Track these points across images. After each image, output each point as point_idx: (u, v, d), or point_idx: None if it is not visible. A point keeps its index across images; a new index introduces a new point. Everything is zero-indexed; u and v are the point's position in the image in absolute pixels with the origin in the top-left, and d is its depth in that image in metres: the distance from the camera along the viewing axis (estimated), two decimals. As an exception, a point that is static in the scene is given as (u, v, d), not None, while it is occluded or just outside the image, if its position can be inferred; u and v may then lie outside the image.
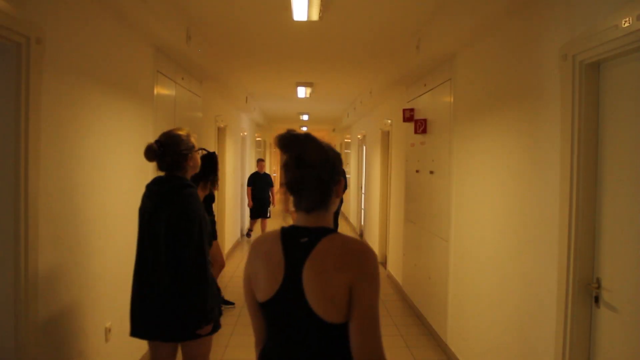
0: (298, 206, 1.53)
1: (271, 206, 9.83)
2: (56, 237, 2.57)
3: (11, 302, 2.23)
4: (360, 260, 1.42)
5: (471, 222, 3.81)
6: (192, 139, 2.71)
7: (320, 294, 1.41)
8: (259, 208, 9.58)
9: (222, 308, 5.42)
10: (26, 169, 2.25)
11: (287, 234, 1.52)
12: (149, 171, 4.04)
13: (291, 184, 1.51)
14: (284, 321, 1.49)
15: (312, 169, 1.48)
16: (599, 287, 2.28)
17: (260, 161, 10.03)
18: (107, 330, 3.23)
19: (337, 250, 1.44)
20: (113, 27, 3.30)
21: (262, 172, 9.83)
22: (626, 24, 1.99)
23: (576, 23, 2.39)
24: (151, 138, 4.03)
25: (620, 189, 2.18)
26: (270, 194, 9.77)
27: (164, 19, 3.77)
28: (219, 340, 4.65)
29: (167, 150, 2.55)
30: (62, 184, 2.64)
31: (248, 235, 10.11)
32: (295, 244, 1.48)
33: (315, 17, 3.99)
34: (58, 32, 2.55)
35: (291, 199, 1.54)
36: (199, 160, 2.86)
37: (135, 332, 2.60)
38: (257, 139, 13.33)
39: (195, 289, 2.48)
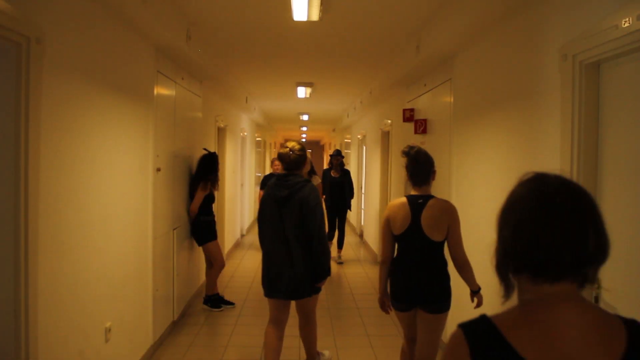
0: (415, 184, 3.02)
1: None
2: (56, 237, 2.57)
3: (11, 302, 2.23)
4: (451, 211, 2.98)
5: (471, 222, 3.80)
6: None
7: (430, 227, 2.93)
8: None
9: (222, 308, 5.43)
10: (26, 169, 2.25)
11: (410, 199, 3.00)
12: (149, 171, 4.04)
13: (412, 173, 3.00)
14: (410, 243, 2.98)
15: (421, 164, 3.00)
16: (599, 287, 2.28)
17: (276, 160, 9.09)
18: (107, 330, 3.23)
19: (438, 206, 2.97)
20: (113, 27, 3.30)
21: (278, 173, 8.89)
22: (626, 24, 1.99)
23: (576, 23, 2.39)
24: (151, 138, 4.04)
25: (620, 189, 2.18)
26: None
27: (164, 19, 3.77)
28: (219, 340, 4.65)
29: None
30: (62, 184, 2.64)
31: None
32: (415, 203, 2.97)
33: (315, 17, 3.99)
34: (58, 32, 2.55)
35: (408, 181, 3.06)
36: (309, 164, 3.91)
37: (272, 294, 3.64)
38: (257, 139, 13.33)
39: (322, 251, 3.49)
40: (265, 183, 8.26)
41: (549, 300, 0.98)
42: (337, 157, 8.41)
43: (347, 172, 8.50)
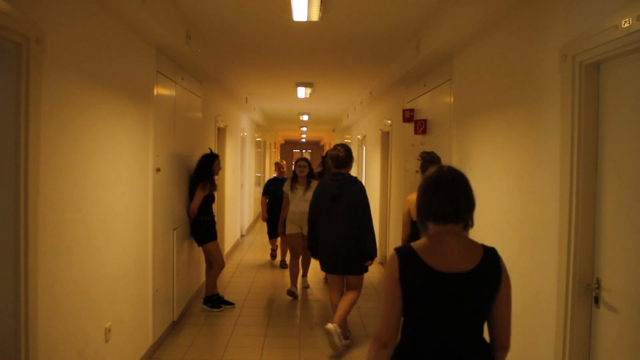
0: None
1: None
2: (56, 237, 2.57)
3: (11, 302, 2.23)
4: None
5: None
6: None
7: None
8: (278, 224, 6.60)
9: (222, 308, 5.43)
10: (26, 169, 2.25)
11: None
12: (149, 171, 4.04)
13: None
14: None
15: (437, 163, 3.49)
16: (599, 287, 2.28)
17: (279, 164, 7.87)
18: (107, 330, 3.23)
19: None
20: (113, 27, 3.30)
21: (282, 178, 7.47)
22: (626, 24, 1.99)
23: (576, 23, 2.39)
24: (151, 138, 4.04)
25: (620, 189, 2.18)
26: None
27: (164, 19, 3.77)
28: (218, 341, 4.65)
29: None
30: (62, 184, 2.64)
31: (273, 257, 8.17)
32: None
33: (315, 17, 3.99)
34: (58, 32, 2.55)
35: None
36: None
37: (330, 271, 4.40)
38: (257, 139, 13.33)
39: (370, 238, 4.22)
40: (269, 189, 7.44)
41: (441, 234, 1.77)
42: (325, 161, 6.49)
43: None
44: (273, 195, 7.31)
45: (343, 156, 4.31)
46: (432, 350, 1.72)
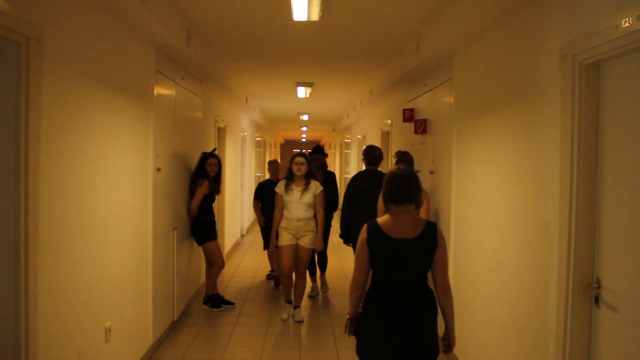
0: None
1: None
2: (56, 237, 2.57)
3: (11, 302, 2.23)
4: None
5: (471, 222, 3.81)
6: None
7: None
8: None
9: (222, 308, 5.43)
10: (26, 169, 2.25)
11: None
12: (149, 171, 4.04)
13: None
14: None
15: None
16: (599, 287, 2.28)
17: (273, 164, 6.82)
18: (107, 330, 3.23)
19: None
20: (113, 27, 3.30)
21: (277, 180, 6.05)
22: (626, 24, 1.99)
23: (576, 23, 2.39)
24: (151, 138, 4.04)
25: (620, 189, 2.18)
26: None
27: (164, 19, 3.77)
28: (218, 341, 4.65)
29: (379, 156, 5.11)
30: (62, 184, 2.64)
31: (270, 277, 6.80)
32: None
33: (315, 17, 3.99)
34: (58, 32, 2.55)
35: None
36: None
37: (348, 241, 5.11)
38: (257, 138, 13.33)
39: None
40: (261, 193, 6.43)
41: (398, 212, 2.49)
42: (319, 157, 6.23)
43: (332, 176, 6.39)
44: (266, 200, 6.06)
45: (379, 154, 5.08)
46: (390, 290, 2.49)
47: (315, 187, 5.05)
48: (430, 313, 2.49)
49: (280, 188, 5.07)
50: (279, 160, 7.09)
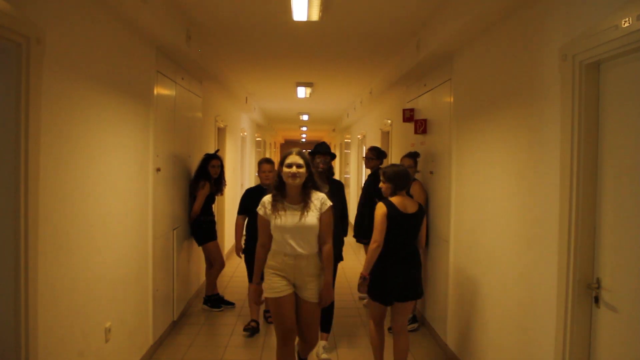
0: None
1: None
2: (56, 237, 2.57)
3: (11, 303, 2.23)
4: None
5: (471, 222, 3.81)
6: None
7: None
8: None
9: (222, 308, 5.43)
10: (26, 169, 2.25)
11: None
12: (149, 171, 4.04)
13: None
14: None
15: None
16: (599, 287, 2.28)
17: (266, 163, 4.79)
18: (107, 330, 3.23)
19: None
20: (113, 27, 3.30)
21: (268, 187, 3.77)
22: (626, 24, 1.99)
23: (576, 23, 2.39)
24: (151, 138, 4.04)
25: (620, 189, 2.18)
26: None
27: (164, 19, 3.77)
28: (218, 341, 4.65)
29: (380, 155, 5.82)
30: (62, 184, 2.64)
31: (249, 329, 4.71)
32: None
33: (315, 17, 3.99)
34: (58, 32, 2.55)
35: None
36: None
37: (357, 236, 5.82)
38: (257, 138, 13.33)
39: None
40: (249, 205, 4.48)
41: (402, 195, 3.51)
42: (325, 157, 4.26)
43: (340, 187, 4.40)
44: (254, 214, 3.42)
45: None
46: (399, 247, 3.44)
47: (320, 202, 3.14)
48: (420, 265, 3.57)
49: (264, 207, 3.16)
50: (271, 159, 5.02)
